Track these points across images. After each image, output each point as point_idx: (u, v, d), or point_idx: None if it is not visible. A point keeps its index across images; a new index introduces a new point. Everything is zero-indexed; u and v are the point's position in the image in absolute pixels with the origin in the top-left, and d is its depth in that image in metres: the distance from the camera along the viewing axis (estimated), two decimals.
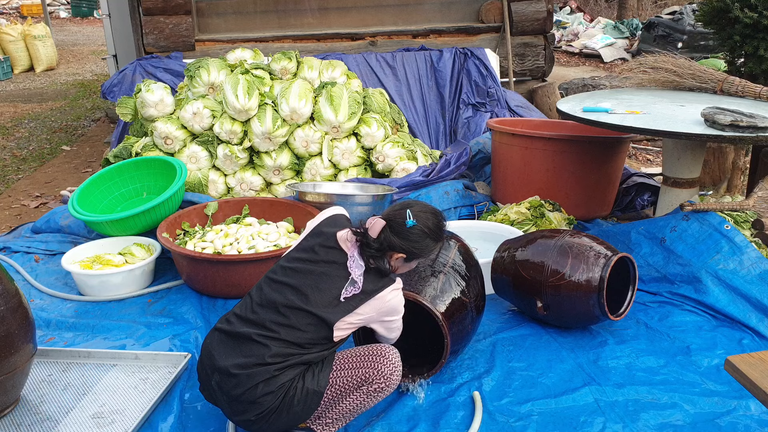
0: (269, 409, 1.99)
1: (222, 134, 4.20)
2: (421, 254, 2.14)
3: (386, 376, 2.08)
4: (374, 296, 2.05)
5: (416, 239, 2.09)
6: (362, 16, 6.09)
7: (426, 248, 2.13)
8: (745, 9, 4.30)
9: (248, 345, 2.02)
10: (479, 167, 4.68)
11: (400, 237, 2.07)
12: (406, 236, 2.08)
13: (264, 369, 1.98)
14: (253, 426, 2.05)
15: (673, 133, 3.00)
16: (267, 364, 1.98)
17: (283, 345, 2.00)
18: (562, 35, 12.93)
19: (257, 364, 1.98)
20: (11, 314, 2.17)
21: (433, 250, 2.17)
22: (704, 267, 3.03)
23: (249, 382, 1.98)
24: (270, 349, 1.99)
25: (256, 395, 1.97)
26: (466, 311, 2.44)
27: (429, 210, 2.17)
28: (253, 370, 1.98)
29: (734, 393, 2.40)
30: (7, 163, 5.97)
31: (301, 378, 2.03)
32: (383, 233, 2.08)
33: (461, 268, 2.52)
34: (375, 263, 2.07)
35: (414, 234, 2.08)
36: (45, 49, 10.94)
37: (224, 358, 2.03)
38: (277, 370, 1.98)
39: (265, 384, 1.97)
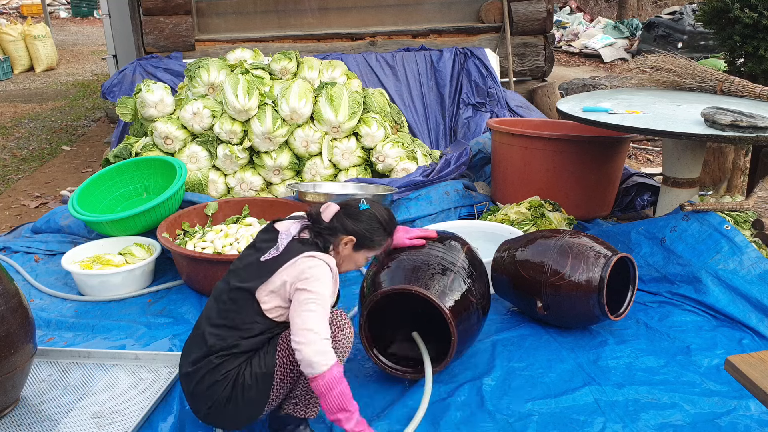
0: (221, 399, 2.00)
1: (222, 134, 4.20)
2: (372, 241, 2.18)
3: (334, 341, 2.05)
4: (291, 259, 2.02)
5: (368, 223, 2.15)
6: (362, 16, 6.09)
7: (376, 235, 2.18)
8: (745, 9, 4.30)
9: (198, 342, 2.08)
10: (479, 167, 4.68)
11: (352, 219, 2.14)
12: (359, 218, 2.15)
13: (206, 360, 2.02)
14: (216, 419, 2.06)
15: (673, 133, 3.00)
16: (208, 354, 2.02)
17: (220, 330, 2.03)
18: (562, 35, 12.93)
19: (201, 357, 2.03)
20: (11, 314, 2.17)
21: (382, 242, 2.22)
22: (704, 267, 3.03)
23: (196, 375, 2.03)
24: (209, 340, 2.03)
25: (204, 387, 2.01)
26: (473, 310, 2.44)
27: (383, 205, 2.28)
28: (199, 364, 2.02)
29: (734, 393, 2.40)
30: (7, 163, 5.97)
31: (248, 364, 2.02)
32: (336, 217, 2.14)
33: (469, 269, 2.51)
34: (321, 240, 2.10)
35: (366, 217, 2.16)
36: (45, 49, 10.94)
37: (184, 359, 2.11)
38: (217, 358, 2.00)
39: (209, 374, 2.00)
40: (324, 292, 1.97)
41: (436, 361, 2.44)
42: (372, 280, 2.47)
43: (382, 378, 2.54)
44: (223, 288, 2.12)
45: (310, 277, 1.98)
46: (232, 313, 2.04)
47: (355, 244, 2.16)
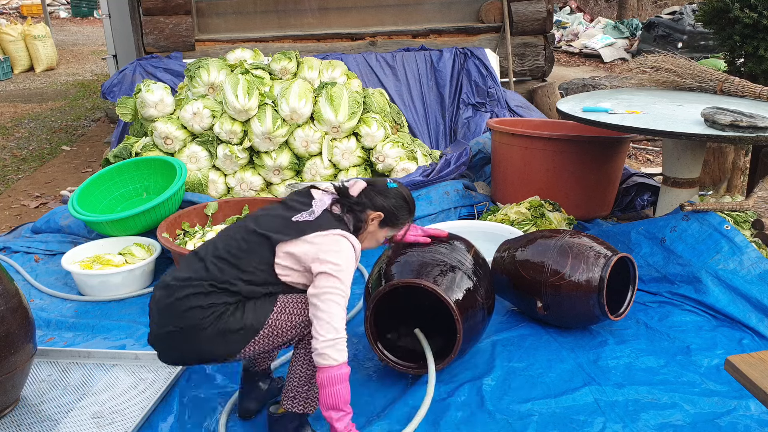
0: (195, 325, 1.95)
1: (222, 134, 4.20)
2: (397, 219, 2.21)
3: None
4: (323, 230, 2.02)
5: (396, 200, 2.19)
6: (362, 16, 6.09)
7: (402, 213, 2.21)
8: (745, 9, 4.30)
9: (193, 264, 2.05)
10: (479, 167, 4.68)
11: (381, 195, 2.17)
12: (387, 195, 2.18)
13: (198, 282, 1.98)
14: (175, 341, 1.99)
15: (673, 133, 3.00)
16: (202, 279, 1.99)
17: (223, 264, 2.01)
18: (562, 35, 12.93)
19: (193, 278, 1.99)
20: (11, 314, 2.17)
21: (405, 221, 2.26)
22: (704, 267, 3.03)
23: (179, 291, 1.98)
24: (210, 267, 2.00)
25: (183, 306, 1.95)
26: (478, 309, 2.44)
27: (405, 187, 2.29)
28: (188, 283, 1.99)
29: (734, 393, 2.40)
30: (7, 163, 5.97)
31: (240, 308, 1.99)
32: (364, 192, 2.16)
33: (475, 269, 2.52)
34: (352, 216, 2.11)
35: (394, 194, 2.19)
36: (45, 49, 10.94)
37: (168, 275, 2.06)
38: (210, 286, 1.97)
39: (195, 297, 1.96)
40: (349, 282, 2.01)
41: (439, 358, 2.44)
42: (379, 275, 2.48)
43: (383, 377, 2.54)
44: (238, 229, 2.10)
45: (340, 263, 1.98)
46: (241, 252, 2.02)
47: (381, 220, 2.17)
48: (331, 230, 2.03)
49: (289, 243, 2.01)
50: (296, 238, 2.01)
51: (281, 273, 2.02)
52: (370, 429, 2.24)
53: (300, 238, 2.01)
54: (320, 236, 2.01)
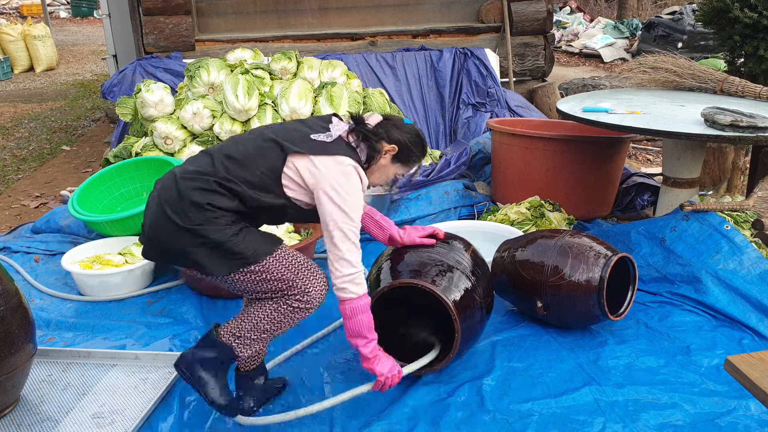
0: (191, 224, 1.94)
1: (222, 134, 4.20)
2: (410, 155, 2.20)
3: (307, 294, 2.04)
4: (335, 155, 2.02)
5: (411, 135, 2.18)
6: (362, 16, 6.09)
7: (415, 149, 2.20)
8: (745, 9, 4.30)
9: (201, 161, 2.06)
10: (479, 167, 4.68)
11: (398, 129, 2.17)
12: (404, 129, 2.18)
13: (206, 178, 1.99)
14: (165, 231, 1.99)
15: (673, 133, 3.00)
16: (208, 174, 1.99)
17: (231, 163, 2.01)
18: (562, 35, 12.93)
19: (200, 172, 2.00)
20: (11, 314, 2.17)
21: (417, 161, 2.25)
22: (704, 267, 3.03)
23: (188, 184, 1.99)
24: (217, 164, 2.01)
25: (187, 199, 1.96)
26: (476, 308, 2.44)
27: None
28: (194, 175, 2.00)
29: (734, 393, 2.40)
30: (7, 163, 5.97)
31: (240, 230, 1.99)
32: (380, 124, 2.16)
33: (473, 268, 2.52)
34: (367, 145, 2.10)
35: (409, 129, 2.19)
36: (45, 49, 10.94)
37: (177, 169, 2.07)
38: (215, 183, 1.98)
39: (198, 193, 1.96)
40: (358, 214, 2.03)
41: (438, 359, 2.44)
42: (377, 275, 2.48)
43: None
44: (252, 134, 2.12)
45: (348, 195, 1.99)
46: (251, 154, 2.03)
47: (394, 155, 2.17)
48: (343, 157, 2.03)
49: (300, 157, 2.02)
50: (309, 154, 2.01)
51: (286, 184, 2.03)
52: (370, 429, 2.24)
53: (313, 155, 2.02)
54: (331, 161, 2.02)
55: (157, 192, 2.06)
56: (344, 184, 2.00)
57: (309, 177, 2.01)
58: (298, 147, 2.03)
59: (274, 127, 2.17)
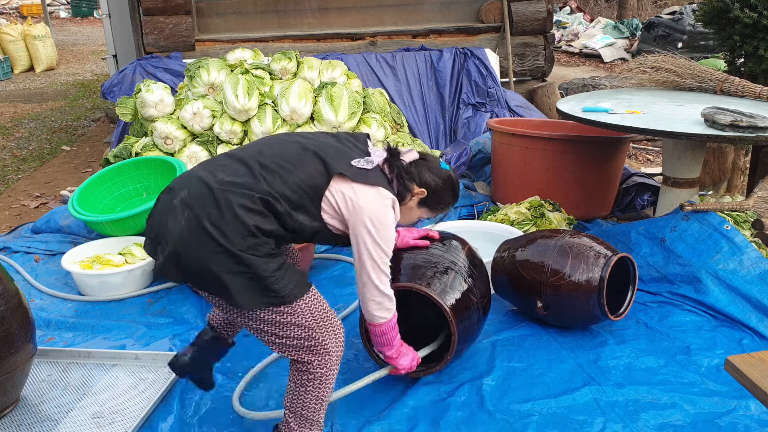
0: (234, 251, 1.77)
1: (222, 134, 4.20)
2: (438, 202, 2.13)
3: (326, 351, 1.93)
4: (376, 185, 1.93)
5: (444, 181, 2.11)
6: (362, 16, 6.09)
7: (445, 197, 2.14)
8: (745, 9, 4.30)
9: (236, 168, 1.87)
10: (479, 167, 4.68)
11: (432, 172, 2.08)
12: (438, 174, 2.09)
13: (249, 193, 1.81)
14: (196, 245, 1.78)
15: (673, 133, 3.00)
16: (252, 189, 1.81)
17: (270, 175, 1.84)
18: (562, 35, 12.93)
19: (244, 185, 1.81)
20: (11, 314, 2.17)
21: (445, 208, 2.19)
22: (704, 267, 3.03)
23: (226, 198, 1.79)
24: (257, 175, 1.84)
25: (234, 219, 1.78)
26: (473, 309, 2.44)
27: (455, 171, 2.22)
28: (237, 190, 1.81)
29: (734, 393, 2.40)
30: (7, 163, 5.97)
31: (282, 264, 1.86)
32: (415, 164, 2.08)
33: (469, 269, 2.52)
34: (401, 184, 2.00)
35: (444, 176, 2.11)
36: (45, 49, 10.93)
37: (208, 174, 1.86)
38: (261, 201, 1.81)
39: (246, 212, 1.79)
40: (391, 249, 1.98)
41: (436, 359, 2.44)
42: None
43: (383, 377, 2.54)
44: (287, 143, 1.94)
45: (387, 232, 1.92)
46: (292, 165, 1.87)
47: (421, 199, 2.09)
48: (385, 190, 1.94)
49: (343, 181, 1.90)
50: (353, 181, 1.90)
51: (324, 208, 1.90)
52: (370, 428, 2.24)
53: (357, 182, 1.91)
54: (373, 193, 1.92)
55: (182, 200, 1.82)
56: (382, 219, 1.92)
57: (346, 207, 1.90)
58: (342, 169, 1.89)
59: (308, 135, 2.00)
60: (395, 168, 2.01)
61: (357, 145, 2.03)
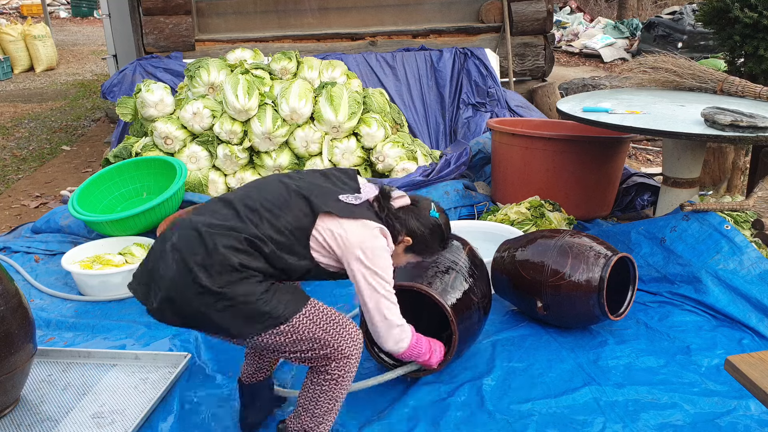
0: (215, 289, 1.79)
1: (222, 134, 4.20)
2: (425, 250, 2.11)
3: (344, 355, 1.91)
4: (364, 219, 1.93)
5: (431, 230, 2.07)
6: (362, 16, 6.09)
7: (432, 246, 2.11)
8: (745, 9, 4.30)
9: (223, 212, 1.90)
10: (479, 167, 4.68)
11: (419, 221, 2.05)
12: (426, 223, 2.05)
13: (235, 234, 1.83)
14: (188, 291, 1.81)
15: (673, 133, 3.00)
16: (238, 231, 1.84)
17: (257, 218, 1.87)
18: (562, 35, 12.93)
19: (231, 228, 1.84)
20: (11, 314, 2.17)
21: (433, 254, 2.17)
22: (704, 267, 3.03)
23: (213, 241, 1.82)
24: (243, 217, 1.87)
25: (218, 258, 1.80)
26: (474, 309, 2.45)
27: (446, 215, 2.18)
28: (223, 231, 1.83)
29: (734, 393, 2.40)
30: (7, 163, 5.97)
31: (269, 287, 1.85)
32: (404, 210, 2.05)
33: (470, 269, 2.52)
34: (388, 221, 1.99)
35: (431, 224, 2.07)
36: (45, 49, 10.93)
37: (196, 216, 1.90)
38: (246, 241, 1.83)
39: (231, 251, 1.81)
40: (391, 276, 1.95)
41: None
42: None
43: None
44: (275, 184, 1.96)
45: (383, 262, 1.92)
46: (279, 209, 1.89)
47: (407, 246, 2.07)
48: (370, 221, 1.93)
49: (330, 218, 1.90)
50: (340, 217, 1.90)
51: (314, 247, 1.90)
52: (371, 428, 2.24)
53: (344, 218, 1.90)
54: (361, 224, 1.92)
55: (172, 244, 1.86)
56: (374, 247, 1.91)
57: (336, 244, 1.90)
58: (328, 206, 1.90)
59: (296, 176, 2.02)
60: (385, 210, 2.01)
61: (346, 182, 2.03)
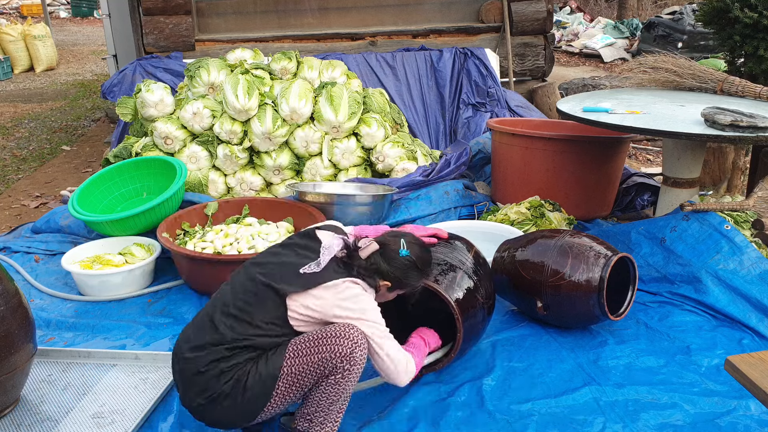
0: (220, 392, 1.94)
1: (222, 134, 4.20)
2: (406, 284, 2.15)
3: (346, 356, 1.93)
4: (331, 280, 1.99)
5: (403, 269, 2.11)
6: (362, 16, 6.09)
7: (411, 279, 2.15)
8: (745, 9, 4.30)
9: (205, 327, 2.01)
10: (479, 167, 4.68)
11: (390, 264, 2.09)
12: (397, 265, 2.10)
13: (215, 349, 1.95)
14: (207, 412, 1.98)
15: (673, 133, 3.00)
16: (218, 343, 1.95)
17: (235, 322, 1.97)
18: (562, 35, 12.93)
19: (209, 344, 1.96)
20: (11, 314, 2.17)
21: (416, 283, 2.19)
22: (704, 267, 3.03)
23: (201, 362, 1.95)
24: (220, 328, 1.97)
25: (207, 377, 1.94)
26: (479, 309, 2.45)
27: (420, 243, 2.21)
28: (206, 351, 1.96)
29: (734, 393, 2.40)
30: (7, 163, 5.97)
31: (254, 363, 1.96)
32: (374, 257, 2.09)
33: (475, 269, 2.53)
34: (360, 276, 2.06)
35: (403, 265, 2.11)
36: (45, 49, 10.93)
37: (184, 343, 2.03)
38: (227, 350, 1.94)
39: (216, 363, 1.94)
40: (381, 320, 2.01)
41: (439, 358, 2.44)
42: None
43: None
44: (245, 279, 2.05)
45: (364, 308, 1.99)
46: (251, 307, 1.98)
47: (388, 287, 2.13)
48: (341, 279, 2.00)
49: (299, 295, 1.98)
50: (306, 290, 1.97)
51: (296, 324, 1.99)
52: (371, 428, 2.24)
53: (308, 291, 1.98)
54: (331, 286, 1.98)
55: (179, 375, 2.03)
56: (348, 298, 1.98)
57: (315, 312, 1.98)
58: (291, 287, 1.97)
59: (263, 261, 2.10)
60: (354, 266, 2.06)
61: (309, 247, 2.08)
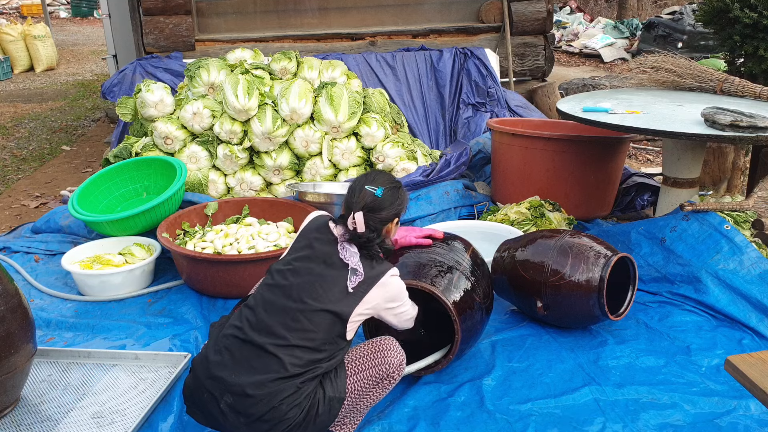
0: (295, 423, 1.93)
1: (222, 134, 4.20)
2: (404, 207, 2.24)
3: (397, 366, 2.09)
4: (378, 281, 2.07)
5: (394, 198, 2.18)
6: (362, 16, 6.09)
7: (404, 199, 2.23)
8: (745, 9, 4.30)
9: (261, 358, 1.93)
10: (479, 167, 4.68)
11: (384, 208, 2.14)
12: (388, 203, 2.15)
13: (288, 384, 1.91)
14: None
15: (673, 133, 3.00)
16: (289, 377, 1.91)
17: (298, 351, 1.93)
18: (562, 35, 12.93)
19: (279, 379, 1.91)
20: (11, 314, 2.17)
21: (407, 200, 2.27)
22: (704, 267, 3.03)
23: (273, 400, 1.90)
24: (285, 360, 1.91)
25: (283, 412, 1.90)
26: (476, 309, 2.45)
27: (379, 173, 2.25)
28: (276, 387, 1.90)
29: (734, 393, 2.40)
30: (7, 163, 5.97)
31: (321, 388, 2.00)
32: (369, 220, 2.12)
33: (473, 269, 2.52)
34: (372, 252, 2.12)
35: (390, 196, 2.17)
36: (45, 49, 10.93)
37: (235, 375, 1.92)
38: (301, 383, 1.93)
39: (290, 398, 1.91)
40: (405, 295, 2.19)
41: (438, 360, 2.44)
42: None
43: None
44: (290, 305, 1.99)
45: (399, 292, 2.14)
46: (310, 333, 1.96)
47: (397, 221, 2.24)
48: (384, 275, 2.08)
49: (358, 306, 2.04)
50: (361, 301, 2.05)
51: (351, 329, 2.05)
52: (371, 428, 2.24)
53: (363, 298, 2.05)
54: (379, 285, 2.08)
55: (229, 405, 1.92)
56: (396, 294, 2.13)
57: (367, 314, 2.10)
58: (351, 307, 2.03)
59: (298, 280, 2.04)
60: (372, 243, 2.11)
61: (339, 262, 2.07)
